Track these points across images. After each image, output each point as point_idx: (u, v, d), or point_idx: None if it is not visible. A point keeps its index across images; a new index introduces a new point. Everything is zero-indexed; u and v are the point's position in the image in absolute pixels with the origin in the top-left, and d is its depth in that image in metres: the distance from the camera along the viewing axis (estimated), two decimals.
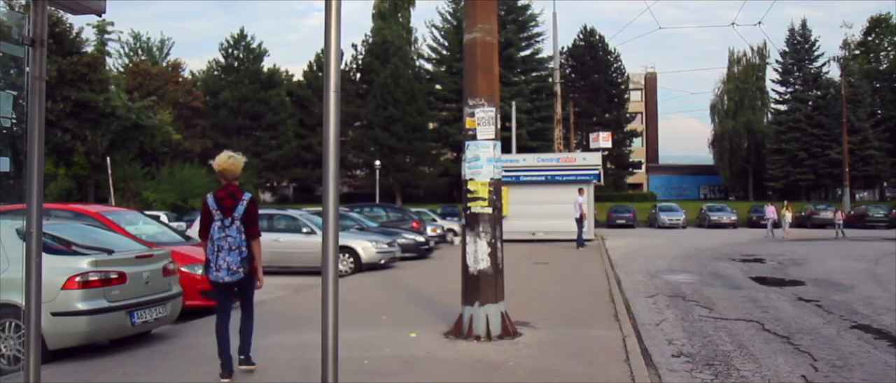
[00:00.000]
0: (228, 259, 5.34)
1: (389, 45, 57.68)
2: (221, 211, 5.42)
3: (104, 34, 50.12)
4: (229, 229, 5.38)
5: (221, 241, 5.37)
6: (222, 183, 5.59)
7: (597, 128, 57.35)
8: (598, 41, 62.55)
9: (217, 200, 5.46)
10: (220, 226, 5.40)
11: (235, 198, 5.47)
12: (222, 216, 5.41)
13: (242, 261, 5.37)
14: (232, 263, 5.35)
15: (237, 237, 5.38)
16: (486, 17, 7.26)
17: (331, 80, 2.48)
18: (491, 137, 7.15)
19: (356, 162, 56.79)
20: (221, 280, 5.40)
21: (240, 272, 5.37)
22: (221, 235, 5.38)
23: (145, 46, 61.85)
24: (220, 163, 5.60)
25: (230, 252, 5.35)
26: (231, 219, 5.40)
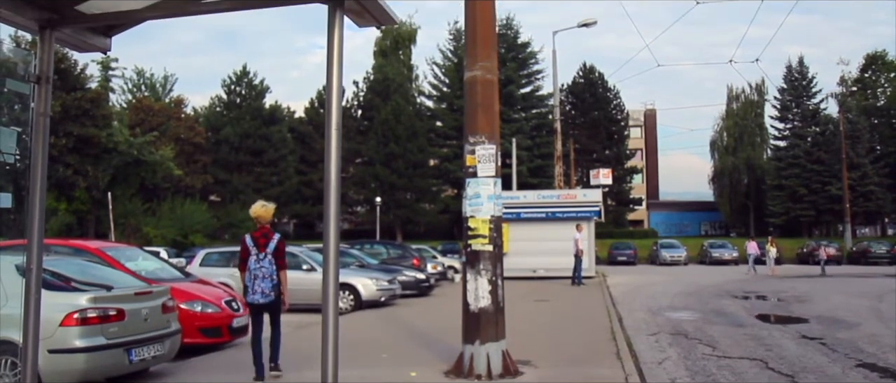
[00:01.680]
0: (262, 285, 6.81)
1: (390, 82, 58.16)
2: (257, 247, 6.89)
3: (108, 70, 50.60)
4: (263, 261, 6.84)
5: (257, 271, 6.82)
6: (257, 225, 7.11)
7: (597, 164, 57.51)
8: (598, 78, 63.05)
9: (253, 239, 6.97)
10: (256, 259, 6.85)
11: (268, 236, 6.97)
12: (257, 251, 6.87)
13: (273, 287, 6.86)
14: (265, 288, 6.81)
15: (269, 268, 6.85)
16: (486, 55, 7.33)
17: (332, 118, 2.50)
18: (491, 175, 7.17)
19: (357, 198, 56.83)
20: (256, 302, 6.88)
21: (271, 295, 6.86)
22: (257, 266, 6.83)
23: (148, 82, 62.39)
24: (255, 211, 7.19)
25: (263, 280, 6.81)
26: (264, 253, 6.86)
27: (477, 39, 7.33)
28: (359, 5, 2.49)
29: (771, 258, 29.36)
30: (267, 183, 54.29)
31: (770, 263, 29.23)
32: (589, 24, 31.24)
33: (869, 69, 62.66)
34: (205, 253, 16.06)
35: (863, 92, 62.08)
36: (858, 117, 55.90)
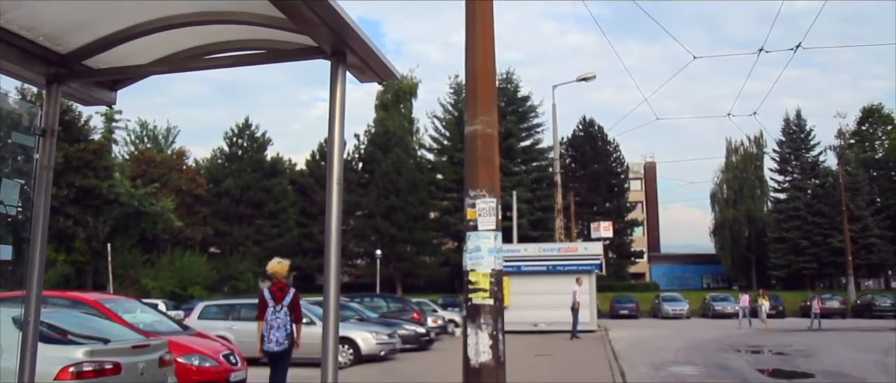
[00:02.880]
0: (277, 335, 7.42)
1: (391, 135, 58.62)
2: (274, 300, 7.49)
3: (112, 122, 51.15)
4: (279, 313, 7.46)
5: (273, 322, 7.42)
6: (274, 280, 7.69)
7: (598, 217, 57.50)
8: (598, 131, 63.55)
9: (271, 293, 7.56)
10: (273, 311, 7.45)
11: (284, 291, 7.60)
12: (274, 303, 7.47)
13: (287, 337, 7.49)
14: (280, 338, 7.44)
15: (284, 319, 7.46)
16: (486, 109, 7.40)
17: (334, 171, 2.52)
18: (492, 228, 7.16)
19: (357, 251, 56.67)
20: (272, 350, 7.48)
21: (285, 344, 7.50)
22: (274, 317, 7.43)
23: (151, 134, 62.94)
24: (272, 267, 7.77)
25: (278, 330, 7.42)
26: (281, 305, 7.49)
27: (477, 94, 7.41)
28: (361, 61, 2.54)
29: (763, 311, 29.10)
30: (267, 235, 54.21)
31: (762, 316, 28.95)
32: (588, 78, 31.62)
33: (866, 122, 63.25)
34: (203, 305, 15.94)
35: (861, 144, 62.51)
36: (857, 169, 56.13)
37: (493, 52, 7.60)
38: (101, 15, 2.91)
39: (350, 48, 2.47)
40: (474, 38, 7.48)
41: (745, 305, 29.96)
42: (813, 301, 32.01)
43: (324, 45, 2.51)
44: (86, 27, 3.00)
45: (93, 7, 2.84)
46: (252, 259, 50.25)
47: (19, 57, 2.92)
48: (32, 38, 2.94)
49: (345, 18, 2.28)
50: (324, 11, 2.23)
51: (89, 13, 2.89)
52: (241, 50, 3.03)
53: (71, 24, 2.95)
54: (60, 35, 3.02)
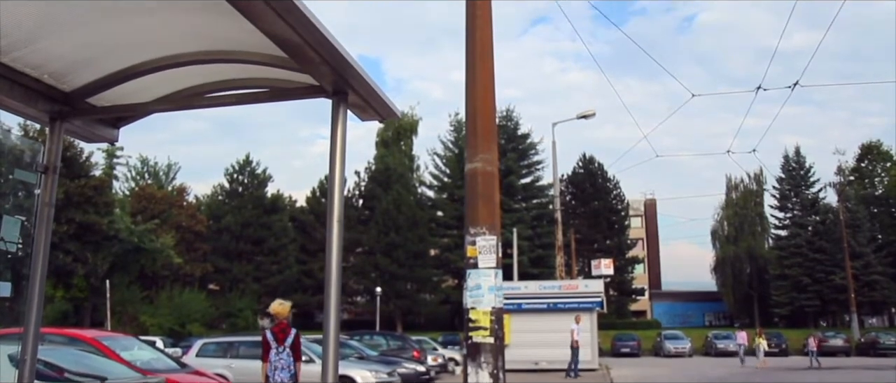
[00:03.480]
0: (281, 375, 7.57)
1: (392, 172, 58.78)
2: (276, 341, 7.66)
3: (113, 158, 51.33)
4: (282, 353, 7.64)
5: (276, 362, 7.61)
6: (275, 321, 7.91)
7: (598, 254, 57.34)
8: (598, 168, 63.72)
9: (273, 334, 7.75)
10: (276, 351, 7.63)
11: (286, 332, 7.77)
12: (277, 344, 7.65)
13: (291, 377, 7.66)
14: (284, 378, 7.58)
15: (287, 360, 7.65)
16: (487, 147, 7.44)
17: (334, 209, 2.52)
18: (492, 266, 7.15)
19: (357, 288, 56.40)
20: None
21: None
22: (277, 358, 7.62)
23: (152, 170, 63.09)
24: (274, 308, 7.96)
25: (282, 370, 7.59)
26: (283, 346, 7.66)
27: (477, 132, 7.46)
28: (362, 100, 2.56)
29: (761, 350, 28.87)
30: (267, 272, 53.99)
31: (760, 355, 28.72)
32: (588, 115, 31.83)
33: (865, 159, 63.45)
34: (202, 342, 15.83)
35: (860, 181, 62.62)
36: (857, 206, 56.12)
37: (493, 90, 7.67)
38: (106, 53, 2.95)
39: (351, 87, 2.50)
40: (474, 77, 7.56)
41: (743, 343, 29.75)
42: (809, 339, 31.74)
43: (325, 85, 2.53)
44: (90, 65, 3.03)
45: (99, 45, 2.87)
46: (251, 296, 49.97)
47: (24, 95, 2.95)
48: (38, 76, 2.97)
49: (346, 58, 2.31)
50: (326, 51, 2.26)
51: (95, 51, 2.92)
52: (243, 88, 3.06)
53: (76, 62, 2.98)
54: (65, 73, 3.05)
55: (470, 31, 7.69)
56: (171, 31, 2.72)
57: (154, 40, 2.83)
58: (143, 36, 2.78)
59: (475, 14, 7.69)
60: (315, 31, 2.14)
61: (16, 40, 2.68)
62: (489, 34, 7.72)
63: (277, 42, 2.21)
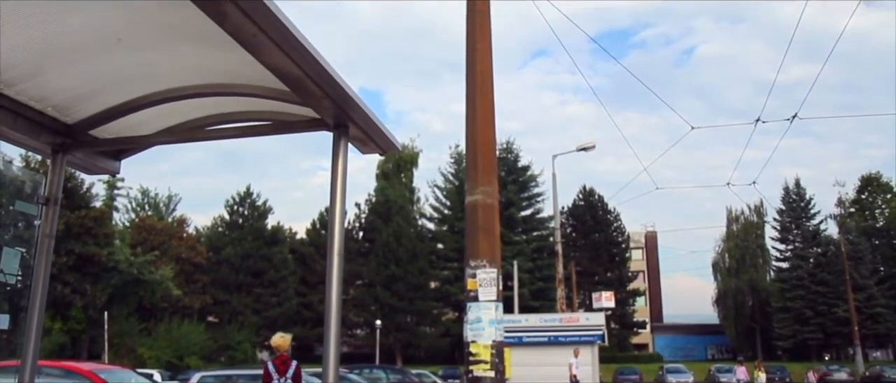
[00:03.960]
0: None
1: (392, 204, 58.80)
2: (278, 373, 7.82)
3: (114, 189, 51.36)
4: None
5: None
6: (277, 354, 8.08)
7: (599, 287, 57.08)
8: (598, 201, 63.73)
9: (275, 366, 7.92)
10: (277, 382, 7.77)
11: (287, 364, 7.93)
12: (278, 376, 7.78)
13: None
14: None
15: None
16: (487, 179, 7.46)
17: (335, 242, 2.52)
18: (493, 299, 7.12)
19: (357, 321, 56.05)
20: None
21: None
22: None
23: (152, 202, 63.08)
24: (275, 341, 8.14)
25: None
26: (285, 378, 7.80)
27: (478, 164, 7.49)
28: (363, 133, 2.58)
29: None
30: (266, 304, 53.70)
31: None
32: (587, 148, 31.93)
33: (865, 190, 63.50)
34: (200, 376, 15.69)
35: (861, 213, 62.59)
36: (859, 238, 56.01)
37: (493, 122, 7.72)
38: (109, 86, 2.97)
39: (352, 121, 2.52)
40: (475, 109, 7.61)
41: (742, 378, 29.45)
42: (809, 372, 31.38)
43: (327, 118, 2.56)
44: (94, 98, 3.06)
45: (102, 78, 2.90)
46: (250, 328, 49.64)
47: (27, 127, 2.97)
48: (41, 108, 3.00)
49: (347, 92, 2.33)
50: (327, 85, 2.28)
51: (98, 84, 2.95)
52: (244, 121, 3.09)
53: (80, 95, 3.01)
54: (69, 106, 3.08)
55: (470, 64, 7.76)
56: (174, 64, 2.75)
57: (157, 73, 2.86)
58: (147, 69, 2.81)
59: (475, 48, 7.76)
60: (317, 64, 2.16)
61: (21, 73, 2.71)
62: (489, 67, 7.79)
63: (279, 75, 2.23)
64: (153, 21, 2.43)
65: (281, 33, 1.99)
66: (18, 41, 2.47)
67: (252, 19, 1.91)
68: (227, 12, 1.89)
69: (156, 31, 2.51)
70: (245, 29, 1.95)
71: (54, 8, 2.33)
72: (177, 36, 2.50)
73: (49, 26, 2.45)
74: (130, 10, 2.38)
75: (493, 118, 7.72)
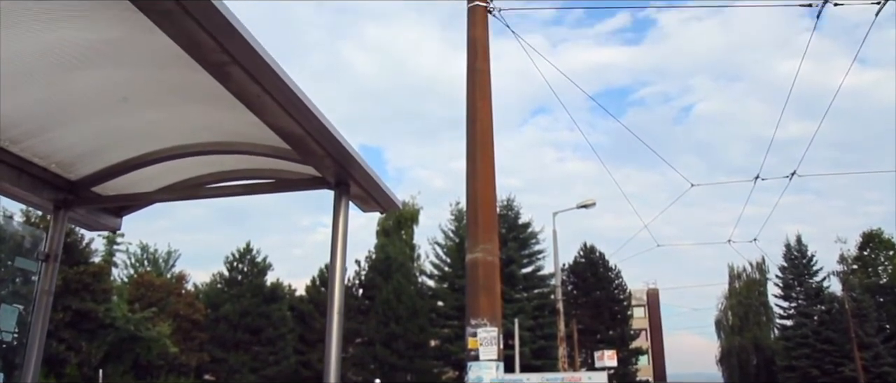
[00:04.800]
0: None
1: (392, 261, 58.55)
2: None
3: (113, 245, 51.23)
4: None
5: None
6: None
7: (601, 345, 56.31)
8: (599, 258, 63.48)
9: None
10: None
11: None
12: None
13: None
14: None
15: None
16: (487, 237, 7.45)
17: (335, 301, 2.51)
18: (494, 358, 7.03)
19: (355, 380, 55.11)
20: None
21: None
22: None
23: (152, 257, 62.86)
24: None
25: None
26: None
27: (478, 221, 7.49)
28: (364, 192, 2.59)
29: None
30: (264, 362, 52.90)
31: None
32: (588, 205, 31.99)
33: (867, 247, 63.29)
34: None
35: (864, 270, 62.26)
36: (863, 295, 55.56)
37: (493, 180, 7.76)
38: (113, 144, 3.01)
39: (353, 179, 2.54)
40: (475, 167, 7.66)
41: None
42: None
43: (328, 177, 2.58)
44: (97, 155, 3.09)
45: (107, 136, 2.93)
46: None
47: (30, 183, 2.99)
48: (45, 165, 3.02)
49: (349, 151, 2.36)
50: (329, 144, 2.31)
51: (102, 142, 2.98)
52: (246, 179, 3.11)
53: (83, 152, 3.04)
54: (72, 162, 3.10)
55: (470, 122, 7.84)
56: (178, 122, 2.79)
57: (161, 132, 2.90)
58: (151, 127, 2.85)
59: (476, 106, 7.86)
60: (319, 124, 2.19)
61: (27, 130, 2.75)
62: (489, 125, 7.87)
63: (282, 135, 2.26)
64: (159, 81, 2.48)
65: (284, 94, 2.03)
66: (25, 100, 2.51)
67: (256, 80, 1.95)
68: (232, 73, 1.93)
69: (161, 90, 2.55)
70: (249, 89, 1.99)
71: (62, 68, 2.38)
72: (182, 95, 2.54)
73: (56, 86, 2.49)
74: (137, 70, 2.42)
75: (493, 175, 7.76)
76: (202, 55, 1.88)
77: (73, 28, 2.23)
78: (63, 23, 2.22)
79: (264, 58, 1.92)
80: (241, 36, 1.83)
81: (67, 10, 2.14)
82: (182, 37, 1.81)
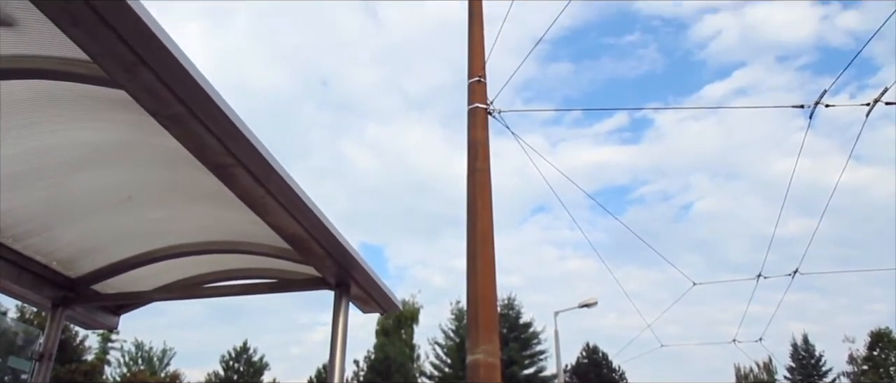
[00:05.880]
0: None
1: (392, 361, 57.27)
2: None
3: (108, 342, 50.23)
4: None
5: None
6: None
7: None
8: (602, 358, 62.11)
9: None
10: None
11: None
12: None
13: None
14: None
15: None
16: (488, 338, 7.34)
17: None
18: None
19: None
20: None
21: None
22: None
23: (146, 356, 61.55)
24: None
25: None
26: None
27: (479, 322, 7.39)
28: (364, 293, 2.59)
29: None
30: None
31: None
32: (589, 304, 31.56)
33: (876, 347, 62.05)
34: None
35: (875, 370, 60.77)
36: None
37: (494, 279, 7.72)
38: (115, 242, 3.02)
39: (354, 280, 2.54)
40: (475, 266, 7.64)
41: None
42: None
43: (328, 277, 2.58)
44: (99, 252, 3.09)
45: (109, 234, 2.95)
46: None
47: (31, 281, 2.99)
48: (46, 262, 3.03)
49: (350, 253, 2.37)
50: (331, 246, 2.32)
51: (104, 240, 3.00)
52: (246, 278, 3.11)
53: (85, 249, 3.05)
54: (73, 260, 3.11)
55: (470, 221, 7.87)
56: (182, 222, 2.81)
57: (163, 230, 2.92)
58: (154, 226, 2.87)
59: (476, 205, 7.91)
60: (321, 226, 2.21)
61: (30, 228, 2.77)
62: (490, 225, 7.89)
63: (284, 235, 2.28)
64: (164, 180, 2.52)
65: (288, 196, 2.06)
66: (30, 197, 2.54)
67: (260, 182, 1.98)
68: (237, 175, 1.97)
69: (166, 189, 2.59)
70: (253, 191, 2.02)
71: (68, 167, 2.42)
72: (186, 195, 2.58)
73: (62, 185, 2.53)
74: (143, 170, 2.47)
75: (493, 274, 7.71)
76: (208, 157, 1.92)
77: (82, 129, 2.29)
78: (74, 124, 2.29)
79: (268, 160, 1.96)
80: (246, 139, 1.87)
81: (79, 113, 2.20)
82: (189, 139, 1.85)
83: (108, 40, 1.50)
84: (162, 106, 1.72)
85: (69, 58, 1.89)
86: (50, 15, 1.46)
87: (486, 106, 8.32)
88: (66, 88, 2.04)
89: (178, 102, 1.70)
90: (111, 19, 1.46)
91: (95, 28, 1.46)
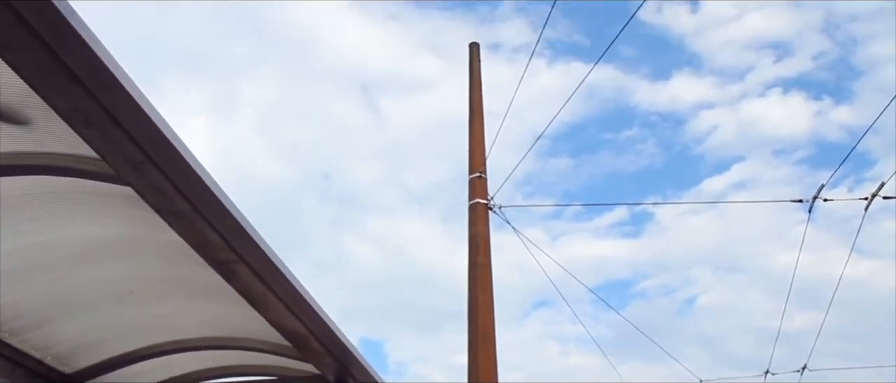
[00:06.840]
0: None
1: None
2: None
3: None
4: None
5: None
6: None
7: None
8: None
9: None
10: None
11: None
12: None
13: None
14: None
15: None
16: None
17: None
18: None
19: None
20: None
21: None
22: None
23: None
24: None
25: None
26: None
27: None
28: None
29: None
30: None
31: None
32: None
33: None
34: None
35: None
36: None
37: (495, 375, 7.54)
38: (112, 337, 2.98)
39: (353, 377, 2.50)
40: (477, 363, 7.49)
41: None
42: None
43: (328, 374, 2.54)
44: (96, 347, 3.05)
45: (108, 328, 2.92)
46: None
47: (25, 376, 2.93)
48: (41, 357, 2.98)
49: (350, 350, 2.34)
50: (331, 343, 2.30)
51: (103, 334, 2.96)
52: (245, 375, 3.05)
53: (82, 344, 3.01)
54: (69, 355, 3.06)
55: (472, 317, 7.75)
56: (182, 317, 2.79)
57: (163, 326, 2.89)
58: (154, 321, 2.84)
59: (477, 301, 7.81)
60: (321, 323, 2.20)
61: (28, 323, 2.74)
62: (491, 320, 7.77)
63: (284, 332, 2.26)
64: (165, 275, 2.51)
65: (289, 293, 2.05)
66: (30, 291, 2.53)
67: (262, 279, 1.98)
68: (239, 271, 1.97)
69: (167, 284, 2.58)
70: (255, 288, 2.02)
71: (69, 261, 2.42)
72: (187, 290, 2.57)
73: (62, 280, 2.52)
74: (145, 265, 2.47)
75: (495, 370, 7.54)
76: (210, 253, 1.92)
77: (86, 225, 2.31)
78: (77, 219, 2.30)
79: (270, 257, 1.96)
80: (249, 235, 1.88)
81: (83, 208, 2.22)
82: (193, 235, 1.86)
83: (118, 139, 1.53)
84: (167, 203, 1.74)
85: (78, 155, 1.92)
86: (63, 115, 1.49)
87: (487, 201, 8.35)
88: (72, 184, 2.07)
89: (184, 200, 1.72)
90: (123, 120, 1.49)
91: (108, 129, 1.50)
